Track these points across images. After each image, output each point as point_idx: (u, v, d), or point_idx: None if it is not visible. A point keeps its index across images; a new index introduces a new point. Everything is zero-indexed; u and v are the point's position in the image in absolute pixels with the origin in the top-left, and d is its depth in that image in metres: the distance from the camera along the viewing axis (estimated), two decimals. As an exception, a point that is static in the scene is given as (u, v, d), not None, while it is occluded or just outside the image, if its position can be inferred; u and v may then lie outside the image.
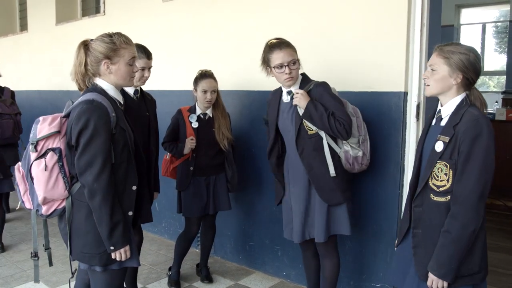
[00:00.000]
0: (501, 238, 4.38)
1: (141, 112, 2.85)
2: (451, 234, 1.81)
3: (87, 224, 1.98)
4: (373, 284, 3.01)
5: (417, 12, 2.71)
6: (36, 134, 1.94)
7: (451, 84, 1.87)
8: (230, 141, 3.26)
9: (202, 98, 3.17)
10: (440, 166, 1.86)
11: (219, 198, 3.31)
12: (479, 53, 1.87)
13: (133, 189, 2.05)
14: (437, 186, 1.88)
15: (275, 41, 2.56)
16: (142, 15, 4.51)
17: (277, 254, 3.54)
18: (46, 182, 1.92)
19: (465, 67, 1.83)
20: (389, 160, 2.84)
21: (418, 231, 1.95)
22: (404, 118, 2.77)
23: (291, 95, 2.58)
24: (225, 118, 3.26)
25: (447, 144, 1.83)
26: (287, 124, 2.62)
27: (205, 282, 3.46)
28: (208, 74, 3.20)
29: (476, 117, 1.79)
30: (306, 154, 2.55)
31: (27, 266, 3.76)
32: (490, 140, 1.76)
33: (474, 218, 1.79)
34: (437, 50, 1.90)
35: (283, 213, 2.76)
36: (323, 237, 2.56)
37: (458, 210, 1.80)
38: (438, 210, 1.87)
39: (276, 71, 2.52)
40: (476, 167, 1.77)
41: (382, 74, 2.83)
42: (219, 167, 3.30)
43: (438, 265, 1.83)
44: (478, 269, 1.85)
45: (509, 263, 3.77)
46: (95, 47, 2.01)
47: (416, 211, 1.97)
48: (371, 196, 2.95)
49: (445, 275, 1.83)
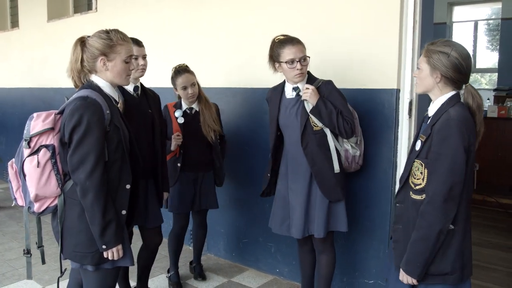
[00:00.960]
0: (493, 234, 4.42)
1: (142, 110, 2.75)
2: (418, 232, 1.83)
3: (79, 222, 1.96)
4: (366, 281, 3.02)
5: (410, 10, 2.72)
6: (30, 130, 1.93)
7: (433, 83, 1.88)
8: (217, 132, 3.21)
9: (184, 94, 3.12)
10: (417, 165, 1.89)
11: (206, 195, 3.26)
12: (466, 51, 1.85)
13: (126, 188, 2.04)
14: (415, 184, 1.91)
15: (284, 37, 2.56)
16: (135, 11, 4.48)
17: (270, 251, 3.55)
18: (38, 179, 1.91)
19: (444, 66, 1.83)
20: (382, 157, 2.85)
21: (398, 226, 2.00)
22: (396, 115, 2.78)
23: (297, 91, 2.58)
24: (209, 110, 3.18)
25: (424, 143, 1.86)
26: (291, 119, 2.61)
27: (199, 279, 3.46)
28: (183, 68, 3.14)
29: (448, 118, 1.79)
30: (310, 150, 2.56)
31: (19, 265, 3.74)
32: (460, 141, 1.76)
33: (439, 219, 1.78)
34: (424, 48, 1.92)
35: (278, 209, 2.75)
36: (322, 233, 2.58)
37: (425, 209, 1.81)
38: (415, 208, 1.89)
39: (287, 66, 2.51)
40: (443, 168, 1.77)
41: (375, 71, 2.84)
42: (208, 164, 3.25)
43: (407, 262, 1.87)
44: (450, 270, 1.84)
45: (500, 259, 3.81)
46: (92, 43, 2.00)
47: (398, 207, 2.01)
48: (363, 192, 2.96)
49: (412, 272, 1.86)
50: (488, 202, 5.33)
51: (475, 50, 8.97)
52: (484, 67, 9.38)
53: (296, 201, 2.63)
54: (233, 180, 3.74)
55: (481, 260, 3.78)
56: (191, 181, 3.20)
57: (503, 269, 3.61)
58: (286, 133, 2.68)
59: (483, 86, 10.23)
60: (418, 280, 1.87)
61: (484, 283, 3.36)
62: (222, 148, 3.34)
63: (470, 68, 1.87)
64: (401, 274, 1.91)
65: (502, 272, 3.56)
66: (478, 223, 4.76)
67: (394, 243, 2.02)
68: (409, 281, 1.88)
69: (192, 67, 3.24)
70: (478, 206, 5.33)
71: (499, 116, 5.67)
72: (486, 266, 3.66)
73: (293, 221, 2.65)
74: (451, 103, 1.85)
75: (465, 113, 1.82)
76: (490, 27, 9.32)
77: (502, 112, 5.68)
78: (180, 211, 3.23)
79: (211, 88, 3.82)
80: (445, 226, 1.79)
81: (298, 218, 2.61)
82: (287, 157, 2.69)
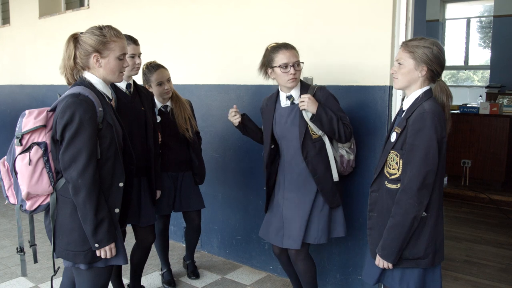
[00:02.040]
0: (485, 230, 4.45)
1: (135, 108, 2.70)
2: (394, 219, 1.95)
3: (72, 220, 1.95)
4: (359, 277, 3.03)
5: (402, 7, 2.72)
6: (22, 127, 1.91)
7: (417, 77, 1.98)
8: (194, 129, 3.15)
9: (159, 91, 3.02)
10: (392, 156, 2.01)
11: (188, 197, 3.19)
12: (442, 46, 1.99)
13: (120, 185, 2.02)
14: (390, 174, 2.02)
15: (277, 43, 2.54)
16: (127, 8, 4.46)
17: (263, 248, 3.56)
18: (30, 177, 1.90)
19: (429, 60, 1.95)
20: (375, 153, 2.86)
21: (373, 214, 2.12)
22: (389, 111, 2.79)
23: (291, 99, 2.56)
24: (183, 106, 3.12)
25: (399, 135, 1.97)
26: (287, 129, 2.58)
27: (192, 278, 3.45)
28: (156, 64, 3.07)
29: (422, 111, 1.90)
30: (311, 159, 2.53)
31: (11, 263, 3.72)
32: (433, 133, 1.86)
33: (414, 206, 1.90)
34: (403, 45, 2.03)
35: (273, 218, 2.69)
36: (323, 239, 2.57)
37: (401, 197, 1.93)
38: (390, 196, 2.01)
39: (280, 70, 2.48)
40: (418, 158, 1.88)
41: (368, 68, 2.84)
42: (187, 164, 3.18)
43: (382, 247, 1.99)
44: (423, 254, 1.96)
45: (492, 255, 3.83)
46: (85, 39, 1.98)
47: (373, 196, 2.12)
48: (356, 189, 2.96)
49: (388, 256, 1.98)
50: (480, 198, 5.36)
51: (468, 47, 9.03)
52: (476, 64, 9.43)
53: (294, 211, 2.59)
54: (226, 177, 3.74)
55: (473, 256, 3.80)
56: (172, 181, 3.14)
57: (495, 265, 3.63)
58: (283, 143, 2.63)
59: (475, 83, 10.30)
60: (393, 264, 1.99)
61: (477, 278, 3.38)
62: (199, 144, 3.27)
63: (445, 62, 2.02)
64: (377, 259, 2.04)
65: (494, 267, 3.59)
66: (470, 219, 4.79)
67: (369, 230, 2.13)
68: (385, 265, 2.01)
69: (185, 63, 3.24)
70: (470, 202, 5.36)
71: (491, 113, 5.69)
72: (478, 262, 3.69)
73: (289, 231, 2.59)
74: (425, 97, 1.96)
75: (437, 107, 1.94)
76: (482, 24, 9.37)
77: (494, 109, 5.70)
78: (161, 213, 3.16)
79: (203, 85, 3.82)
80: (419, 213, 1.91)
81: (296, 229, 2.56)
82: (283, 167, 2.65)
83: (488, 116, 5.70)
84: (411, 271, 2.01)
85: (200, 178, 3.26)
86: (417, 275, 2.01)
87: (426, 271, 2.03)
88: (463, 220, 4.76)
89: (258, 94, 3.37)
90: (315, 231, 2.57)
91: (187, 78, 3.89)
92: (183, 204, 3.19)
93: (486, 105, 5.81)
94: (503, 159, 5.57)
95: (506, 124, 5.56)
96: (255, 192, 3.52)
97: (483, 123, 5.70)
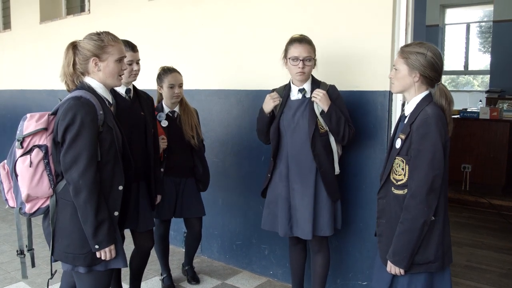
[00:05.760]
0: (485, 235, 4.44)
1: (135, 113, 2.69)
2: (404, 225, 1.95)
3: (71, 223, 1.95)
4: (359, 282, 3.03)
5: (402, 12, 2.74)
6: (23, 130, 1.93)
7: (411, 82, 2.00)
8: (199, 137, 3.17)
9: (170, 93, 3.07)
10: (398, 162, 2.01)
11: (189, 203, 3.19)
12: (439, 51, 2.00)
13: (119, 189, 2.03)
14: (396, 180, 2.02)
15: (298, 35, 2.62)
16: (127, 13, 4.48)
17: (264, 253, 3.55)
18: (31, 179, 1.91)
19: (422, 66, 1.96)
20: (375, 158, 2.86)
21: (382, 221, 2.12)
22: (389, 116, 2.79)
23: (303, 92, 2.63)
24: (190, 113, 3.15)
25: (404, 141, 1.97)
26: (296, 121, 2.63)
27: (192, 283, 3.44)
28: (173, 68, 3.12)
29: (426, 116, 1.91)
30: (318, 152, 2.60)
31: (11, 268, 3.71)
32: (438, 137, 1.88)
33: (423, 211, 1.90)
34: (400, 50, 2.05)
35: (281, 211, 2.70)
36: (328, 231, 2.64)
37: (410, 203, 1.93)
38: (398, 202, 2.01)
39: (290, 63, 2.57)
40: (424, 163, 1.89)
41: (368, 73, 2.85)
42: (190, 170, 3.19)
43: (393, 253, 1.98)
44: (433, 258, 1.96)
45: (492, 260, 3.82)
46: (83, 45, 2.02)
47: (380, 203, 2.13)
48: (356, 193, 2.96)
49: (399, 262, 1.97)
50: (480, 203, 5.35)
51: (468, 52, 9.03)
52: (476, 69, 9.44)
53: (302, 202, 2.64)
54: (226, 182, 3.74)
55: (473, 261, 3.79)
56: (174, 186, 3.14)
57: (495, 270, 3.63)
58: (288, 135, 2.66)
59: (475, 88, 10.31)
60: (405, 270, 1.98)
61: (477, 284, 3.37)
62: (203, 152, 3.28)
63: (443, 67, 2.02)
64: (388, 265, 2.02)
65: (495, 272, 3.58)
66: (471, 224, 4.78)
67: (379, 237, 2.13)
68: (397, 271, 1.99)
69: (185, 68, 3.24)
70: (471, 207, 5.35)
71: (491, 117, 5.70)
72: (478, 267, 3.68)
73: (298, 222, 2.65)
74: (426, 102, 1.98)
75: (439, 111, 1.96)
76: (482, 29, 9.38)
77: (494, 114, 5.70)
78: (162, 218, 3.16)
79: (203, 90, 3.82)
80: (429, 217, 1.92)
81: (306, 220, 2.62)
82: (288, 159, 2.68)
83: (488, 120, 5.70)
84: (418, 275, 2.01)
85: (204, 185, 3.27)
86: (424, 279, 2.00)
87: (435, 275, 2.02)
88: (463, 225, 4.75)
89: (259, 99, 3.36)
90: (322, 224, 2.63)
91: (187, 83, 3.87)
92: (184, 210, 3.19)
93: (486, 110, 5.82)
94: (503, 164, 5.57)
95: (506, 128, 5.56)
96: (255, 197, 3.51)
97: (483, 128, 5.70)
